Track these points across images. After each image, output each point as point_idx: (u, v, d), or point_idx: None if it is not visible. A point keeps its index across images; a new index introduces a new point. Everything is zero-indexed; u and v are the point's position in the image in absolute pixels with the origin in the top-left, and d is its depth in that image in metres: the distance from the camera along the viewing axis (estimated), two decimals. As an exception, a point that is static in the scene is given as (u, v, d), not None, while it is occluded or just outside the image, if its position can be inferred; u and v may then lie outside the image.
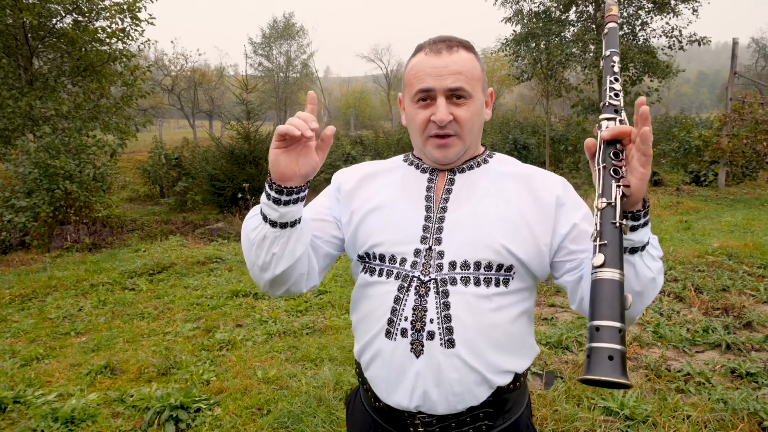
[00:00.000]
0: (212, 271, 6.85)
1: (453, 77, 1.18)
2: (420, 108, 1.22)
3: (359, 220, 1.28)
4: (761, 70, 43.04)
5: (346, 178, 1.36)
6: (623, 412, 2.84)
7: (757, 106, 12.91)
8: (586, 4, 14.96)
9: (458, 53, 1.20)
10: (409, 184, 1.29)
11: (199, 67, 34.93)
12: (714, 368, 3.40)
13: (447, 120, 1.18)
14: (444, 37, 1.24)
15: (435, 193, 1.26)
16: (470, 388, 1.17)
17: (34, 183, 9.31)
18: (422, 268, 1.19)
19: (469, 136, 1.23)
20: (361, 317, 1.29)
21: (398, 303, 1.19)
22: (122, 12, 13.01)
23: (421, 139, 1.24)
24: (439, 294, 1.17)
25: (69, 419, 3.09)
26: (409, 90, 1.24)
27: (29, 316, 5.43)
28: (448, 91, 1.18)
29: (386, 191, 1.30)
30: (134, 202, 14.65)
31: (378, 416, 1.29)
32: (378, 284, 1.23)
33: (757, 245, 6.12)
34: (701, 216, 9.56)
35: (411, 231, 1.22)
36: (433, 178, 1.28)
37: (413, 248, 1.21)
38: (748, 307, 4.34)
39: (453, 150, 1.22)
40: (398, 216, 1.25)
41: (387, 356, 1.20)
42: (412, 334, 1.17)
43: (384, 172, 1.35)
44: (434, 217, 1.23)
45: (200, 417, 3.10)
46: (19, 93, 11.54)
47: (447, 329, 1.15)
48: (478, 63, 1.25)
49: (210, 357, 4.04)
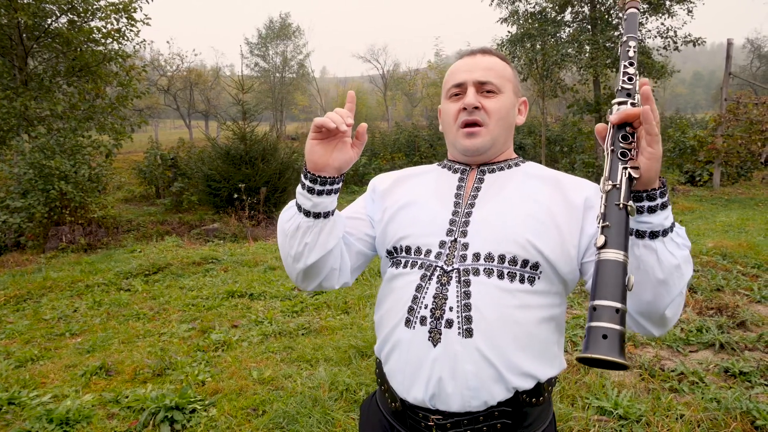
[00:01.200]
0: (208, 272, 6.84)
1: (482, 71, 1.28)
2: (452, 102, 1.30)
3: (390, 216, 1.32)
4: (756, 70, 43.20)
5: (382, 179, 1.43)
6: (617, 412, 2.85)
7: (751, 106, 12.97)
8: (581, 4, 15.00)
9: (491, 57, 1.32)
10: (441, 183, 1.34)
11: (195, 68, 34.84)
12: (707, 368, 3.42)
13: (474, 104, 1.24)
14: (482, 47, 1.36)
15: (465, 191, 1.30)
16: (486, 384, 1.14)
17: (29, 183, 9.28)
18: (446, 258, 1.20)
19: (497, 128, 1.28)
20: (384, 312, 1.29)
21: (419, 291, 1.20)
22: (118, 12, 12.96)
23: (453, 130, 1.30)
24: (461, 283, 1.17)
25: (64, 420, 3.09)
26: (444, 90, 1.33)
27: (24, 317, 5.41)
28: (477, 83, 1.27)
29: (418, 189, 1.35)
30: (130, 203, 14.62)
31: (394, 419, 1.28)
32: (402, 276, 1.25)
33: (751, 245, 6.15)
34: (696, 216, 9.60)
35: (438, 224, 1.25)
36: (464, 177, 1.33)
37: (438, 240, 1.23)
38: (741, 307, 4.36)
39: (480, 139, 1.27)
40: (427, 211, 1.29)
41: (405, 346, 1.20)
42: (431, 322, 1.16)
43: (418, 174, 1.42)
44: (462, 212, 1.26)
45: (195, 418, 3.10)
46: (14, 93, 11.50)
47: (466, 318, 1.14)
48: (510, 69, 1.35)
49: (205, 358, 4.04)
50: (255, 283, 6.07)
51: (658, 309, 1.08)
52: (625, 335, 0.88)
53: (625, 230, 0.95)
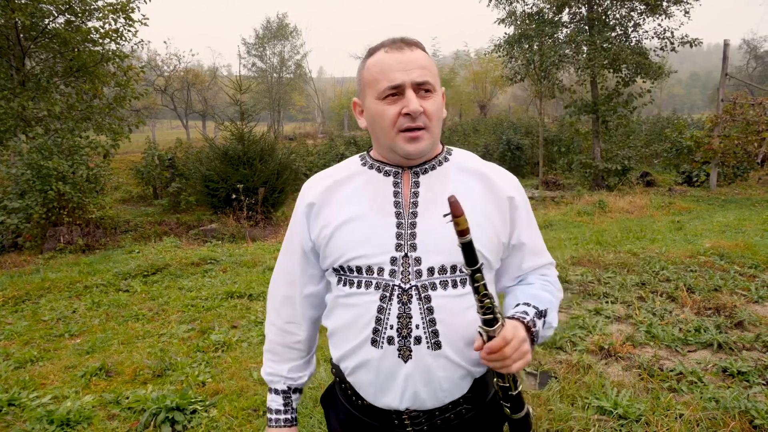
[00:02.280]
0: (207, 273, 6.84)
1: (419, 71, 1.21)
2: (388, 104, 1.22)
3: (330, 233, 1.28)
4: (752, 71, 43.37)
5: (313, 193, 1.35)
6: (617, 411, 2.86)
7: (748, 107, 13.02)
8: (578, 5, 15.02)
9: (418, 50, 1.24)
10: (375, 190, 1.29)
11: (192, 68, 34.80)
12: (706, 367, 3.44)
13: (420, 111, 1.20)
14: (401, 37, 1.27)
15: (403, 199, 1.27)
16: (456, 383, 1.25)
17: (26, 184, 9.25)
18: (402, 276, 1.21)
19: (437, 129, 1.26)
20: (340, 325, 1.30)
21: (382, 313, 1.22)
22: (115, 12, 12.93)
23: (391, 134, 1.24)
24: (422, 300, 1.20)
25: (64, 421, 3.09)
26: (373, 88, 1.24)
27: (23, 318, 5.40)
28: (415, 84, 1.20)
29: (353, 202, 1.29)
30: (127, 203, 14.60)
31: (361, 413, 1.32)
32: (358, 295, 1.25)
33: (748, 245, 6.18)
34: (693, 216, 9.63)
35: (385, 240, 1.23)
36: (398, 181, 1.29)
37: (389, 257, 1.23)
38: (739, 307, 4.38)
39: (423, 143, 1.23)
40: (370, 226, 1.25)
41: (374, 364, 1.23)
42: (399, 341, 1.20)
43: (346, 179, 1.34)
44: (406, 224, 1.24)
45: (196, 418, 3.11)
46: (12, 94, 11.47)
47: (433, 332, 1.20)
48: (431, 59, 1.29)
49: (205, 358, 4.04)
50: (254, 284, 6.07)
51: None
52: None
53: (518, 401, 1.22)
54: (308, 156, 17.22)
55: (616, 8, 14.70)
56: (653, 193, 12.71)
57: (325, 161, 16.73)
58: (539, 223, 9.63)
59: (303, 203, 1.35)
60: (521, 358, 1.13)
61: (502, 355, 1.10)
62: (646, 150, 18.20)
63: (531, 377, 3.38)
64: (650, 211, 10.31)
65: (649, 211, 10.38)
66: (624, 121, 15.10)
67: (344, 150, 17.75)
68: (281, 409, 1.44)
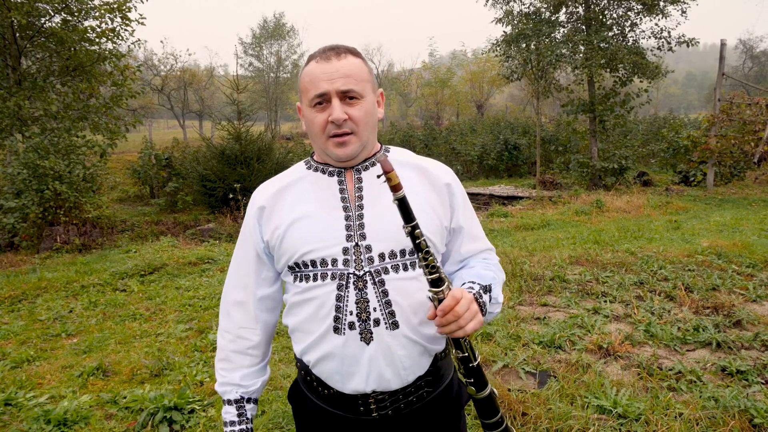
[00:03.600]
0: (204, 272, 6.82)
1: (343, 80, 1.28)
2: (318, 111, 1.31)
3: (283, 233, 1.35)
4: (749, 71, 43.51)
5: (261, 197, 1.42)
6: (616, 411, 2.86)
7: (744, 106, 13.05)
8: (575, 5, 15.04)
9: (346, 58, 1.31)
10: (322, 189, 1.37)
11: (189, 67, 34.77)
12: (705, 366, 3.44)
13: (343, 118, 1.28)
14: (332, 46, 1.34)
15: (349, 194, 1.35)
16: (416, 360, 1.34)
17: (23, 184, 9.22)
18: (355, 264, 1.30)
19: (365, 132, 1.33)
20: (301, 320, 1.37)
21: (341, 300, 1.30)
22: (112, 12, 12.91)
23: (322, 140, 1.33)
24: (377, 284, 1.29)
25: (61, 421, 3.07)
26: (305, 96, 1.33)
27: (19, 318, 5.38)
28: (340, 92, 1.28)
29: (302, 202, 1.37)
30: (124, 203, 14.57)
31: (327, 404, 1.39)
32: (315, 288, 1.32)
33: (745, 245, 6.19)
34: (690, 216, 9.65)
35: (335, 233, 1.31)
36: (342, 179, 1.37)
37: (341, 248, 1.31)
38: (737, 306, 4.38)
39: (351, 147, 1.31)
40: (319, 222, 1.33)
41: (338, 351, 1.31)
42: (360, 325, 1.29)
43: (293, 183, 1.42)
44: (354, 216, 1.33)
45: (194, 418, 3.10)
46: (8, 93, 11.43)
47: (389, 313, 1.29)
48: (365, 66, 1.36)
49: (203, 358, 4.03)
50: (252, 284, 6.04)
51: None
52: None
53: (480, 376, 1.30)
54: (305, 155, 17.16)
55: (613, 8, 14.72)
56: (650, 193, 12.73)
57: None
58: (538, 222, 9.65)
59: (254, 207, 1.42)
60: (473, 318, 1.20)
61: (455, 314, 1.17)
62: (643, 149, 18.25)
63: (530, 376, 3.37)
64: (647, 211, 10.33)
65: (647, 210, 10.39)
66: (621, 121, 15.13)
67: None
68: (235, 420, 1.44)
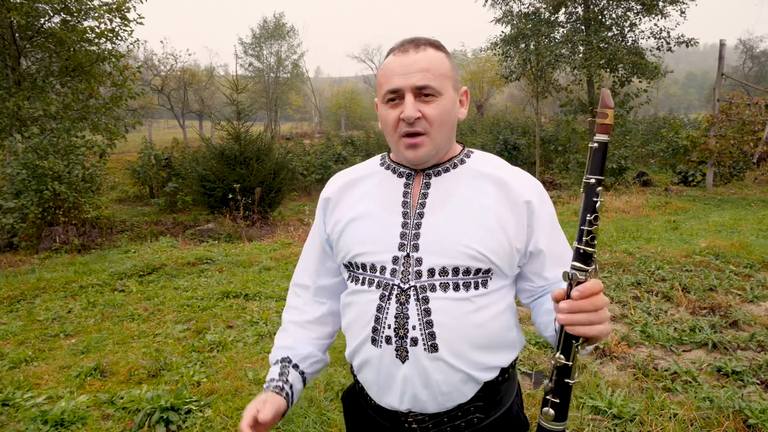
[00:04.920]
0: (203, 272, 6.83)
1: (419, 75, 1.18)
2: (390, 108, 1.22)
3: (341, 229, 1.30)
4: (748, 71, 43.48)
5: (331, 189, 1.39)
6: (611, 411, 2.87)
7: (744, 107, 13.04)
8: (575, 5, 15.05)
9: (425, 51, 1.20)
10: (387, 190, 1.30)
11: (189, 67, 34.75)
12: (700, 367, 3.45)
13: (414, 116, 1.18)
14: (413, 38, 1.24)
15: (411, 199, 1.26)
16: (457, 387, 1.20)
17: (22, 184, 9.22)
18: (401, 276, 1.20)
19: (440, 134, 1.22)
20: (348, 322, 1.33)
21: (381, 312, 1.22)
22: (111, 12, 12.91)
23: (393, 139, 1.24)
24: (420, 301, 1.19)
25: (58, 422, 3.08)
26: (380, 91, 1.26)
27: (18, 318, 5.39)
28: (415, 88, 1.18)
29: (365, 200, 1.31)
30: (124, 203, 14.56)
31: (374, 413, 1.33)
32: (362, 293, 1.26)
33: (743, 245, 6.19)
34: (689, 216, 9.65)
35: (389, 239, 1.23)
36: (409, 182, 1.29)
37: (391, 256, 1.22)
38: (734, 307, 4.39)
39: (423, 150, 1.22)
40: (376, 224, 1.26)
41: (375, 362, 1.24)
42: (396, 341, 1.20)
43: (363, 178, 1.36)
44: (411, 224, 1.23)
45: (191, 418, 3.10)
46: (7, 93, 11.44)
47: (429, 335, 1.18)
48: (448, 61, 1.24)
49: (201, 358, 4.03)
50: (250, 284, 6.06)
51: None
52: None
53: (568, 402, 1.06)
54: (305, 156, 17.18)
55: (612, 8, 14.73)
56: (649, 193, 12.73)
57: (322, 161, 16.71)
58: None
59: (321, 198, 1.40)
60: (605, 321, 1.02)
61: (592, 304, 0.99)
62: (643, 150, 18.24)
63: (526, 377, 3.38)
64: (646, 211, 10.33)
65: (645, 210, 10.39)
66: (620, 121, 15.13)
67: (341, 150, 17.72)
68: (275, 378, 1.35)
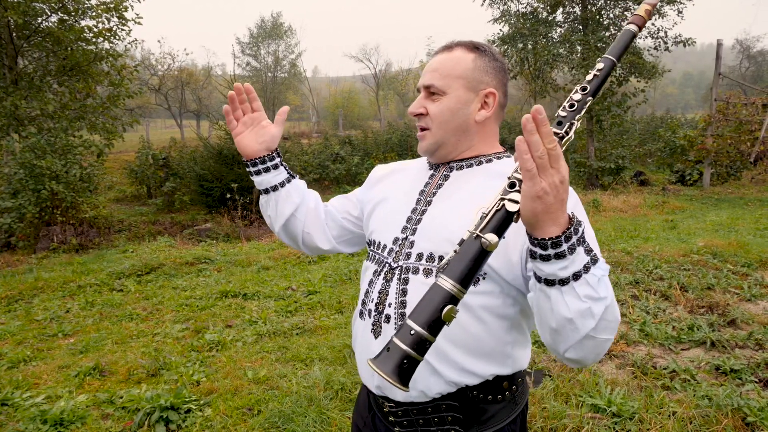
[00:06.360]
0: (201, 272, 6.82)
1: (429, 74, 1.27)
2: None
3: (370, 209, 1.41)
4: (745, 71, 43.60)
5: (379, 169, 1.51)
6: (610, 409, 2.88)
7: (740, 106, 13.08)
8: (572, 5, 15.06)
9: (451, 52, 1.27)
10: (415, 179, 1.37)
11: (187, 67, 34.71)
12: (699, 365, 3.46)
13: (414, 112, 1.29)
14: (453, 41, 1.32)
15: (428, 188, 1.32)
16: (421, 376, 1.17)
17: (19, 183, 9.21)
18: (394, 255, 1.27)
19: (441, 131, 1.27)
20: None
21: (371, 285, 1.29)
22: (109, 11, 12.89)
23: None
24: (400, 281, 1.23)
25: (58, 421, 3.08)
26: None
27: (16, 318, 5.38)
28: (423, 87, 1.28)
29: (395, 186, 1.40)
30: (121, 203, 14.54)
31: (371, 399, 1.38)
32: (367, 268, 1.35)
33: (741, 244, 6.21)
34: (686, 215, 9.67)
35: (396, 222, 1.30)
36: (433, 174, 1.34)
37: (393, 237, 1.29)
38: (732, 305, 4.40)
39: (425, 142, 1.29)
40: (392, 208, 1.34)
41: (359, 334, 1.32)
42: (375, 316, 1.25)
43: (405, 169, 1.46)
44: (419, 210, 1.29)
45: (191, 418, 3.10)
46: (4, 93, 11.40)
47: (401, 315, 1.20)
48: (471, 63, 1.25)
49: (200, 358, 4.03)
50: (248, 283, 6.06)
51: (556, 350, 1.05)
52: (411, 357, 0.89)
53: (469, 262, 0.91)
54: (303, 155, 17.15)
55: (610, 8, 14.74)
56: (647, 192, 12.76)
57: (320, 160, 16.69)
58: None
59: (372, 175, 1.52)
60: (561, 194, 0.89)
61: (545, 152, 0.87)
62: (640, 149, 18.27)
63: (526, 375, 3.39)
64: (644, 210, 10.35)
65: (643, 210, 10.41)
66: (618, 121, 15.15)
67: (339, 149, 17.71)
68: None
